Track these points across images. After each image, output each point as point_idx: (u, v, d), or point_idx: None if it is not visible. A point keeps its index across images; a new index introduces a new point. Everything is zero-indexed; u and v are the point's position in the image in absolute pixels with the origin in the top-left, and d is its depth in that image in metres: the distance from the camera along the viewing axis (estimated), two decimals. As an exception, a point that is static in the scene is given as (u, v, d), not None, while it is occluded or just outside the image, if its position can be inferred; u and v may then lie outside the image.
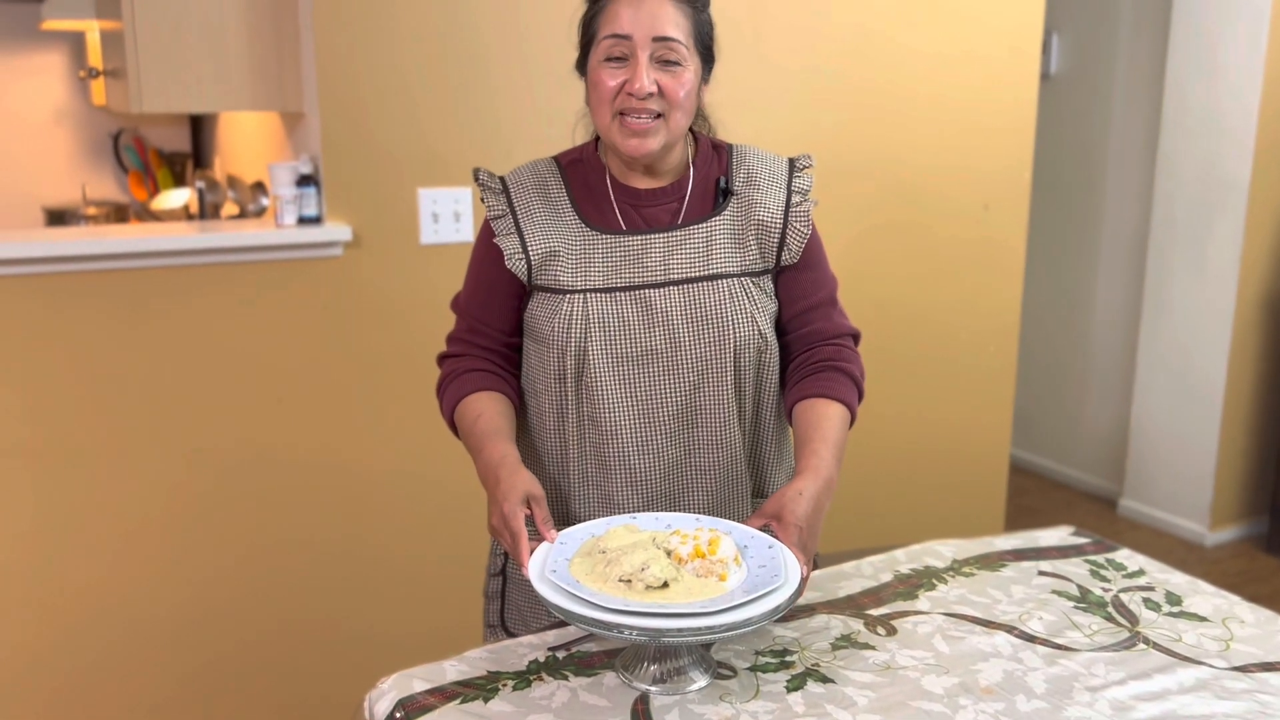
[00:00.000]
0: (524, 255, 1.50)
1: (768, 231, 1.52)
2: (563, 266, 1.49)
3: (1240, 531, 4.05)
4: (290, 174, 2.41)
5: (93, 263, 2.26)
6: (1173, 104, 3.92)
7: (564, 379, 1.49)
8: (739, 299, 1.49)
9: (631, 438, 1.49)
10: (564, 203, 1.52)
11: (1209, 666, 1.36)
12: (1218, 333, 3.86)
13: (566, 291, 1.48)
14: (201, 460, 2.42)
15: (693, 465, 1.52)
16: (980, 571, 1.62)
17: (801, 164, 1.57)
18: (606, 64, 1.43)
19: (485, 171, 1.55)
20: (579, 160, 1.55)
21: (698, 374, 1.48)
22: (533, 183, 1.53)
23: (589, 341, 1.47)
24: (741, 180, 1.54)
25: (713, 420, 1.50)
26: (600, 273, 1.48)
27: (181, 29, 2.40)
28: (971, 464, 3.34)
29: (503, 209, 1.52)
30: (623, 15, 1.41)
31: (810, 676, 1.31)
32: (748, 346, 1.50)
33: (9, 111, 4.05)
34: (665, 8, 1.41)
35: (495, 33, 2.49)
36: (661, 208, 1.51)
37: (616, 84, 1.42)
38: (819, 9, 2.83)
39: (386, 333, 2.51)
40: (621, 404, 1.48)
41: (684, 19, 1.43)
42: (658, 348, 1.47)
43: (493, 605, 1.66)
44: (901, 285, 3.10)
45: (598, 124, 1.47)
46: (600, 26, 1.44)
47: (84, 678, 2.40)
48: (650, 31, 1.40)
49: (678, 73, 1.42)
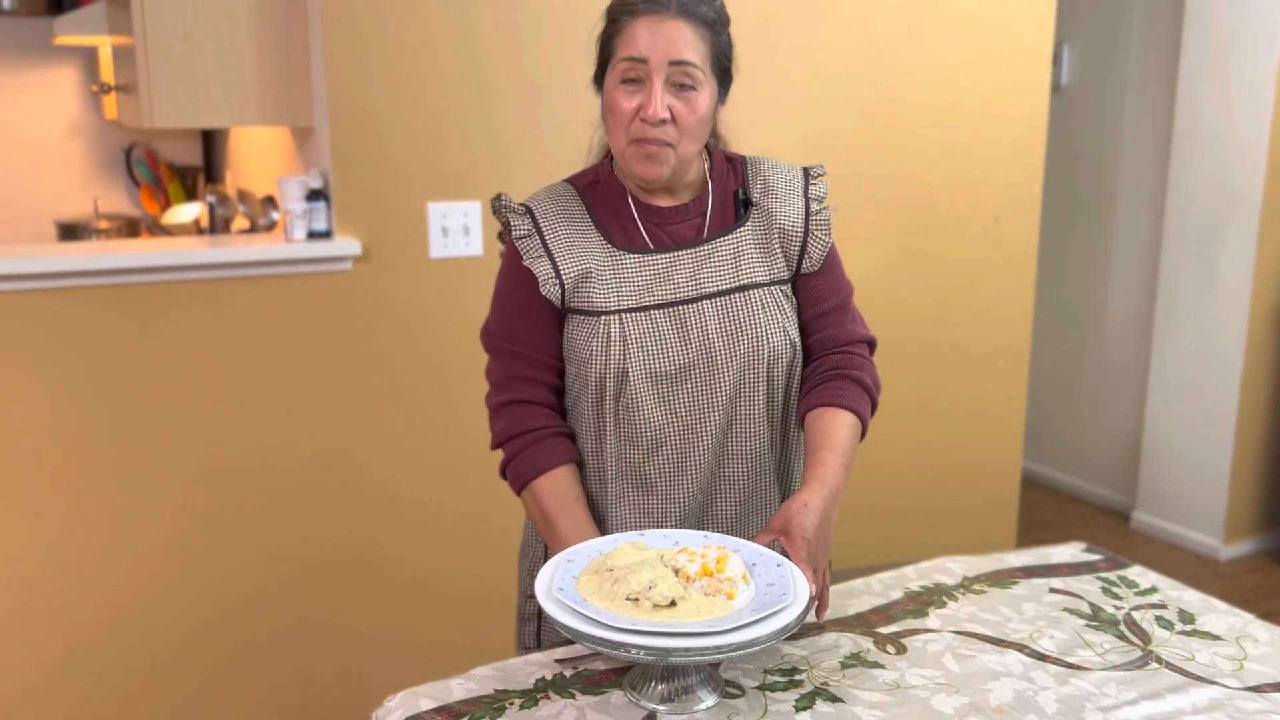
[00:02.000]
0: (557, 279, 1.48)
1: (790, 239, 1.52)
2: (595, 288, 1.48)
3: (1255, 545, 4.02)
4: (300, 188, 2.42)
5: (104, 277, 2.27)
6: (1184, 116, 3.90)
7: (602, 400, 1.48)
8: (770, 309, 1.50)
9: (672, 454, 1.49)
10: (588, 225, 1.50)
11: (1222, 686, 1.35)
12: (1231, 345, 3.84)
13: (601, 313, 1.47)
14: (212, 473, 2.42)
15: (722, 475, 1.52)
16: (991, 589, 1.61)
17: (816, 172, 1.58)
18: (623, 85, 1.42)
19: (507, 197, 1.53)
20: (596, 182, 1.54)
21: (733, 385, 1.48)
22: (554, 206, 1.52)
23: (628, 362, 1.46)
24: (759, 190, 1.54)
25: (744, 430, 1.50)
26: (632, 292, 1.47)
27: (192, 44, 2.41)
28: (983, 478, 3.32)
29: (529, 229, 1.50)
30: (640, 38, 1.40)
31: (819, 696, 1.31)
32: (781, 355, 1.50)
33: (22, 126, 4.07)
34: (684, 31, 1.40)
35: (502, 48, 2.49)
36: (686, 224, 1.51)
37: (632, 107, 1.41)
38: (829, 23, 2.83)
39: (396, 346, 2.52)
40: (661, 420, 1.48)
41: (702, 42, 1.41)
42: (694, 361, 1.47)
43: (528, 627, 1.64)
44: (912, 298, 3.09)
45: (613, 145, 1.47)
46: (618, 46, 1.43)
47: (98, 686, 2.40)
48: (667, 55, 1.39)
49: (691, 98, 1.41)
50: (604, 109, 1.47)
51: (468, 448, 2.58)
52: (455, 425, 2.56)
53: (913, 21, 2.93)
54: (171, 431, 2.38)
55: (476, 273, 2.55)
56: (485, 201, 2.54)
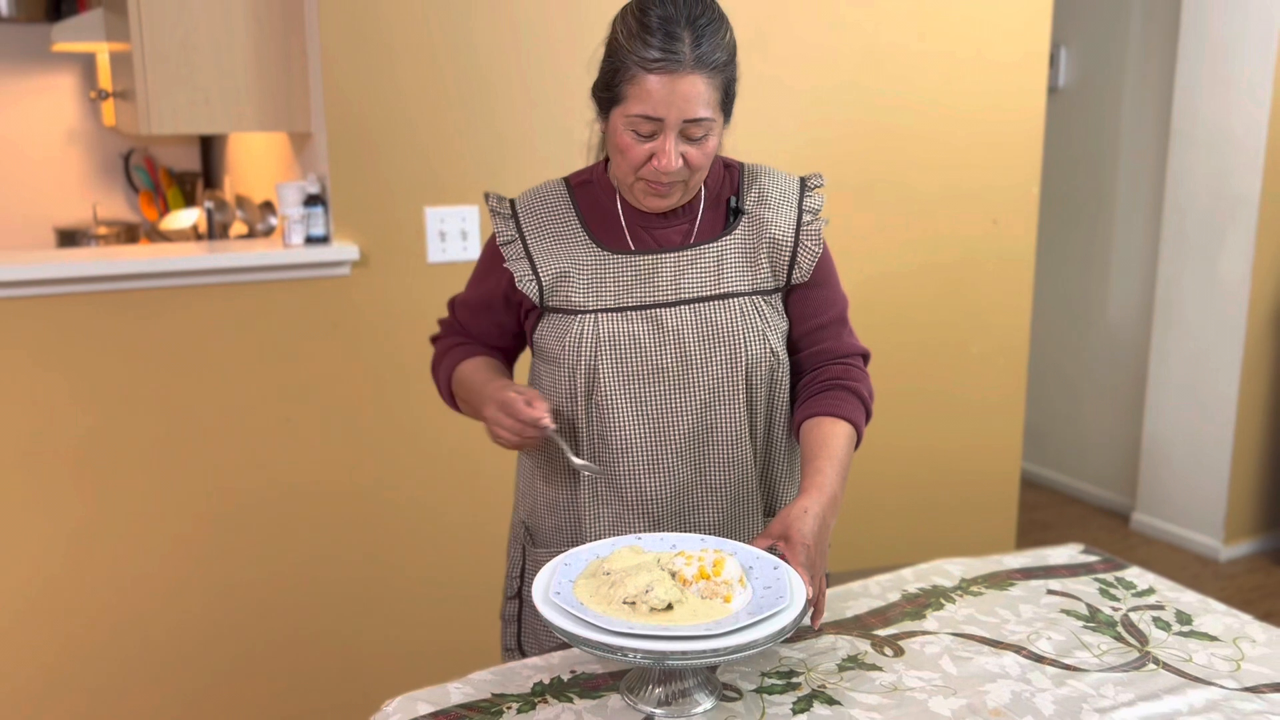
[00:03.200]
0: (535, 278, 1.50)
1: (779, 249, 1.52)
2: (574, 287, 1.49)
3: (1255, 546, 4.02)
4: (298, 193, 2.42)
5: (103, 283, 2.27)
6: (1182, 117, 3.91)
7: (575, 398, 1.49)
8: (750, 317, 1.49)
9: (642, 455, 1.49)
10: (574, 224, 1.52)
11: (1220, 687, 1.35)
12: (1230, 346, 3.84)
13: (578, 312, 1.48)
14: (210, 479, 2.42)
15: (704, 484, 1.51)
16: (988, 591, 1.61)
17: (813, 183, 1.57)
18: (633, 132, 1.40)
19: (495, 196, 1.56)
20: (589, 181, 1.55)
21: (709, 391, 1.48)
22: (542, 206, 1.54)
23: (599, 359, 1.47)
24: (753, 199, 1.53)
25: (724, 439, 1.50)
26: (612, 292, 1.48)
27: (190, 51, 2.41)
28: (982, 480, 3.32)
29: (512, 234, 1.53)
30: (654, 94, 1.35)
31: (817, 698, 1.31)
32: (759, 364, 1.50)
33: (21, 133, 4.07)
34: (698, 86, 1.36)
35: (499, 53, 2.50)
36: (673, 228, 1.51)
37: (644, 153, 1.40)
38: (826, 27, 2.84)
39: (394, 351, 2.52)
40: (632, 421, 1.48)
41: (714, 91, 1.38)
42: (668, 365, 1.47)
43: (509, 629, 1.66)
44: (911, 300, 3.09)
45: (618, 174, 1.47)
46: (629, 96, 1.37)
47: (100, 691, 2.40)
48: (682, 115, 1.37)
49: (704, 144, 1.41)
50: (608, 136, 1.45)
51: (465, 453, 2.58)
52: (452, 430, 2.55)
53: (909, 25, 2.93)
54: (169, 437, 2.38)
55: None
56: (483, 206, 2.54)
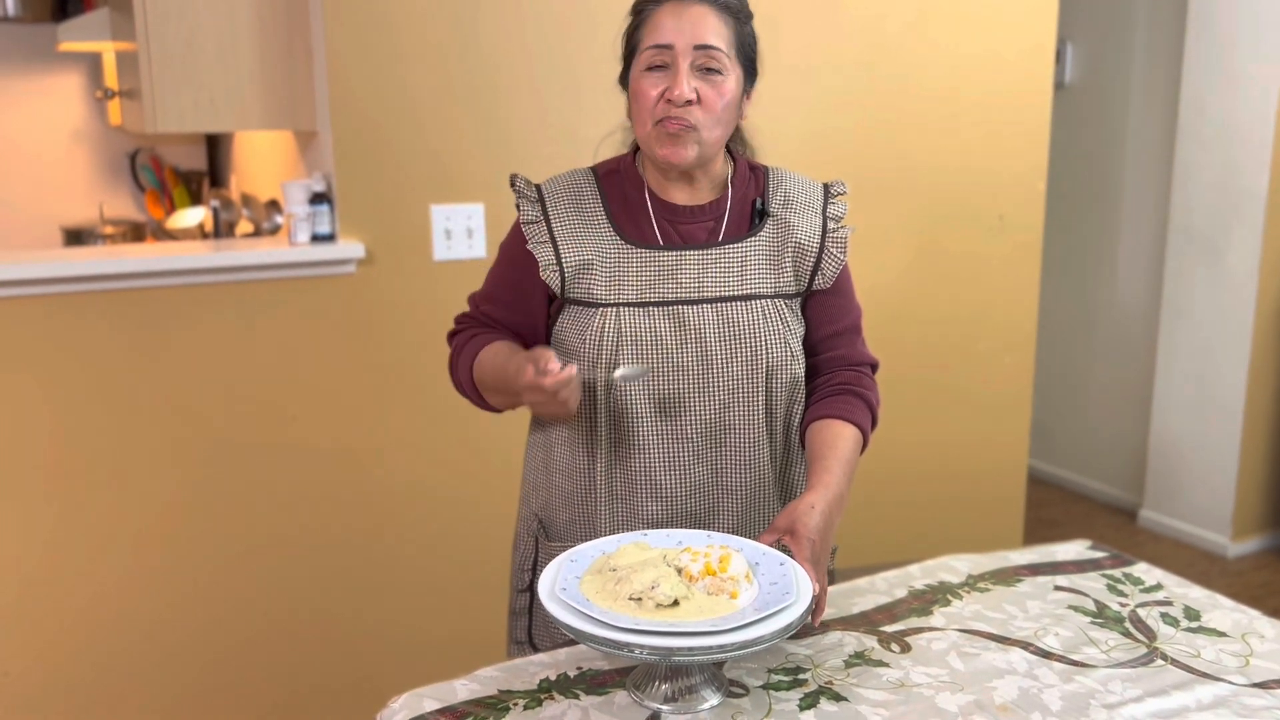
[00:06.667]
0: (558, 267, 1.49)
1: (804, 255, 1.52)
2: (596, 279, 1.48)
3: (1263, 542, 4.01)
4: (303, 192, 2.42)
5: (109, 282, 2.28)
6: (1189, 113, 3.89)
7: (593, 391, 1.48)
8: (773, 321, 1.49)
9: (659, 453, 1.48)
10: (599, 214, 1.51)
11: (1228, 683, 1.34)
12: (1237, 341, 3.83)
13: (599, 305, 1.47)
14: (217, 476, 2.43)
15: (720, 485, 1.51)
16: (996, 587, 1.61)
17: (836, 190, 1.58)
18: (648, 73, 1.43)
19: (522, 179, 1.54)
20: (616, 171, 1.54)
21: (728, 392, 1.48)
22: (568, 193, 1.53)
23: (620, 354, 1.46)
24: (779, 203, 1.53)
25: (742, 440, 1.50)
26: (634, 287, 1.47)
27: (195, 49, 2.42)
28: (989, 477, 3.32)
29: (537, 215, 1.51)
30: (664, 24, 1.41)
31: (823, 695, 1.30)
32: (780, 368, 1.50)
33: (27, 132, 4.08)
34: (708, 17, 1.41)
35: (505, 50, 2.49)
36: (699, 225, 1.51)
37: (658, 92, 1.42)
38: (833, 22, 2.83)
39: (400, 349, 2.52)
40: (650, 418, 1.47)
41: (726, 29, 1.43)
42: (689, 362, 1.47)
43: (519, 621, 1.65)
44: (918, 296, 3.08)
45: (638, 134, 1.47)
46: (643, 37, 1.44)
47: (98, 685, 2.40)
48: (692, 40, 1.40)
49: (718, 82, 1.42)
50: (630, 101, 1.47)
51: (472, 449, 2.58)
52: (459, 427, 2.56)
53: (915, 20, 2.92)
54: (177, 435, 2.38)
55: (480, 275, 2.53)
56: (488, 204, 2.54)
